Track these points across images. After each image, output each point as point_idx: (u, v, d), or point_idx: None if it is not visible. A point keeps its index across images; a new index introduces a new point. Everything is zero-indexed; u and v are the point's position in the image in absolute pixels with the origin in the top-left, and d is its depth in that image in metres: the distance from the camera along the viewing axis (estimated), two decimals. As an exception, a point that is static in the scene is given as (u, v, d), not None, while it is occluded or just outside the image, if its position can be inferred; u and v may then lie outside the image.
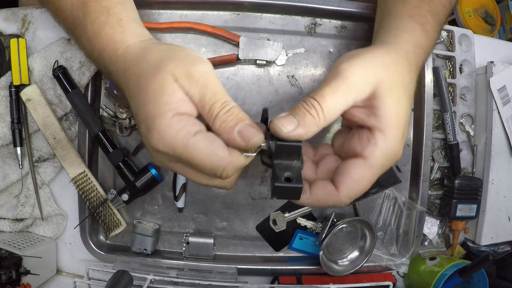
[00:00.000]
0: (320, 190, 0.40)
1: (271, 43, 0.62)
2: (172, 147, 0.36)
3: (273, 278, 0.66)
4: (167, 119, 0.36)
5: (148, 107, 0.37)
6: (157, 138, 0.36)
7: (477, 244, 0.72)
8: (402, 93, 0.40)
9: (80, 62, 0.58)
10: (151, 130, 0.37)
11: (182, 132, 0.36)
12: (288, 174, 0.37)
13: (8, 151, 0.62)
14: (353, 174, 0.39)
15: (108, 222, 0.63)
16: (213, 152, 0.36)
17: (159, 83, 0.37)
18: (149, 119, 0.37)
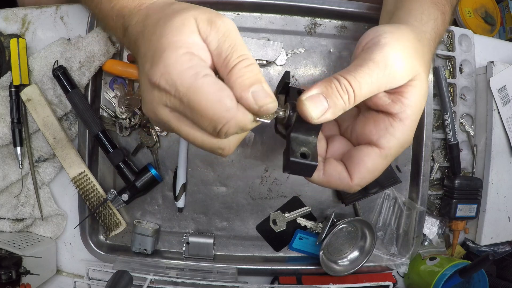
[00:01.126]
0: (333, 172, 0.39)
1: (271, 43, 0.62)
2: (176, 84, 0.33)
3: (273, 278, 0.66)
4: (177, 54, 0.33)
5: (160, 42, 0.34)
6: (161, 71, 0.33)
7: (477, 244, 0.72)
8: (426, 84, 0.40)
9: (80, 62, 0.58)
10: (156, 63, 0.33)
11: (191, 70, 0.33)
12: (304, 150, 0.36)
13: (8, 151, 0.62)
14: (368, 163, 0.38)
15: (108, 222, 0.63)
16: (220, 99, 0.32)
17: (179, 22, 0.34)
18: (157, 53, 0.34)
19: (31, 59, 0.60)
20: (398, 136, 0.38)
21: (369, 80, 0.35)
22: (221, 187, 0.65)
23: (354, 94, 0.35)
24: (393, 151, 0.38)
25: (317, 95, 0.35)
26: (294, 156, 0.35)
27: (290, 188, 0.66)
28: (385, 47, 0.37)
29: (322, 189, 0.67)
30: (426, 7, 0.45)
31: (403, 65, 0.37)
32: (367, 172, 0.38)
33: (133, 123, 0.61)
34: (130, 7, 0.42)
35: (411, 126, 0.38)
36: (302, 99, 0.35)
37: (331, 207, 0.67)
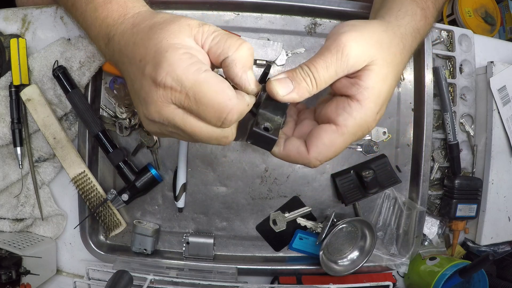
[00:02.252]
0: (292, 147, 0.42)
1: (271, 43, 0.62)
2: (182, 79, 0.35)
3: (273, 278, 0.66)
4: (179, 53, 0.36)
5: (159, 44, 0.37)
6: (166, 70, 0.36)
7: (477, 244, 0.72)
8: (390, 71, 0.42)
9: (80, 62, 0.58)
10: (160, 64, 0.36)
11: (193, 66, 0.36)
12: (268, 124, 0.40)
13: (8, 151, 0.62)
14: (324, 138, 0.40)
15: (108, 222, 0.63)
16: (223, 90, 0.36)
17: (175, 28, 0.38)
18: (159, 54, 0.36)
19: (31, 59, 0.60)
20: (355, 115, 0.40)
21: (324, 65, 0.40)
22: (221, 187, 0.65)
23: (314, 78, 0.40)
24: (350, 129, 0.40)
25: (284, 78, 0.41)
26: (257, 127, 0.39)
27: (290, 188, 0.66)
28: (340, 35, 0.40)
29: (322, 189, 0.67)
30: (404, 4, 0.48)
31: (357, 52, 0.39)
32: (323, 147, 0.40)
33: (133, 123, 0.61)
34: (114, 17, 0.44)
35: (371, 108, 0.41)
36: (271, 80, 0.40)
37: (331, 207, 0.67)
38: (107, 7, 0.44)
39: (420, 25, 0.47)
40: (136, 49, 0.40)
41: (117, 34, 0.43)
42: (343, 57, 0.39)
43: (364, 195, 0.65)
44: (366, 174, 0.63)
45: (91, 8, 0.45)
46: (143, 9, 0.44)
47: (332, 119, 0.41)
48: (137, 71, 0.39)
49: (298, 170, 0.66)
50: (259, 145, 0.41)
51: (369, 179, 0.63)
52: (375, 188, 0.65)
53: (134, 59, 0.40)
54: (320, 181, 0.66)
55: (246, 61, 0.39)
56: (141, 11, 0.44)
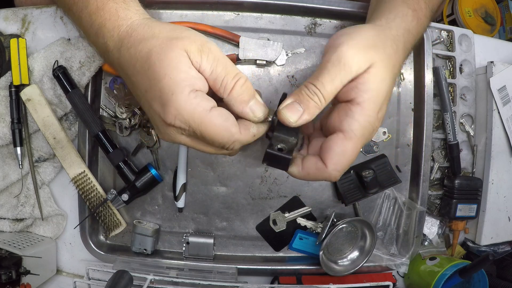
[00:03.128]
0: (310, 164, 0.43)
1: (271, 43, 0.62)
2: (189, 122, 0.39)
3: (273, 278, 0.66)
4: (184, 95, 0.38)
5: (163, 82, 0.38)
6: (174, 114, 0.38)
7: (477, 244, 0.72)
8: (388, 72, 0.43)
9: (80, 62, 0.58)
10: (168, 106, 0.38)
11: (199, 108, 0.39)
12: (282, 145, 0.42)
13: (8, 151, 0.62)
14: (336, 148, 0.41)
15: (108, 222, 0.63)
16: (227, 128, 0.40)
17: (173, 59, 0.39)
18: (164, 95, 0.38)
19: (31, 59, 0.60)
20: (358, 118, 0.41)
21: (330, 79, 0.41)
22: (221, 187, 0.65)
23: (322, 94, 0.41)
24: (357, 133, 0.41)
25: (291, 103, 0.42)
26: (271, 148, 0.41)
27: (290, 188, 0.66)
28: (339, 47, 0.41)
29: (322, 189, 0.67)
30: (395, 6, 0.49)
31: (356, 58, 0.41)
32: (337, 157, 0.41)
33: (133, 123, 0.61)
34: (108, 27, 0.44)
35: (372, 109, 0.41)
36: (280, 109, 0.42)
37: (331, 207, 0.67)
38: (100, 14, 0.44)
39: (411, 26, 0.48)
40: (139, 77, 0.41)
41: (115, 49, 0.44)
42: (346, 67, 0.41)
43: (364, 195, 0.65)
44: (366, 174, 0.63)
45: (86, 14, 0.46)
46: (135, 19, 0.44)
47: (337, 128, 0.42)
48: (145, 101, 0.42)
49: (298, 170, 0.66)
50: (274, 165, 0.43)
51: (369, 179, 0.63)
52: (375, 188, 0.65)
53: (139, 86, 0.42)
54: (320, 181, 0.66)
55: (242, 97, 0.41)
56: (133, 22, 0.43)
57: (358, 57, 0.41)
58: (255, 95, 0.42)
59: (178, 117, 0.39)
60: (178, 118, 0.39)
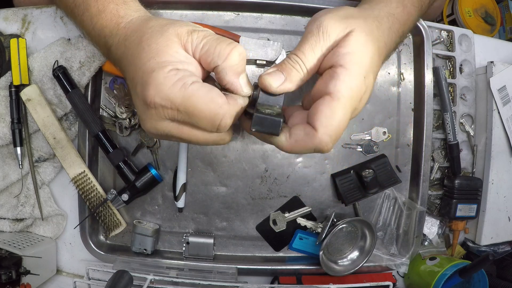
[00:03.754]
0: (299, 131, 0.40)
1: (271, 43, 0.62)
2: (170, 98, 0.36)
3: (273, 278, 0.66)
4: (164, 72, 0.37)
5: (147, 64, 0.38)
6: (154, 91, 0.37)
7: (477, 244, 0.72)
8: (369, 39, 0.42)
9: (80, 62, 0.58)
10: (148, 85, 0.37)
11: (179, 82, 0.37)
12: (269, 111, 0.40)
13: (8, 151, 0.62)
14: (324, 109, 0.39)
15: (108, 222, 0.63)
16: (212, 99, 0.37)
17: (162, 43, 0.38)
18: (146, 74, 0.37)
19: (31, 59, 0.60)
20: (343, 79, 0.39)
21: (310, 48, 0.41)
22: (221, 187, 0.65)
23: (303, 62, 0.41)
24: (344, 93, 0.39)
25: (274, 71, 0.41)
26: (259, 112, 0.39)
27: (290, 188, 0.66)
28: (318, 18, 0.43)
29: (322, 189, 0.67)
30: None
31: (335, 26, 0.41)
32: (326, 119, 0.39)
33: (133, 123, 0.61)
34: (110, 27, 0.44)
35: (357, 71, 0.40)
36: (262, 75, 0.41)
37: (331, 207, 0.67)
38: (102, 16, 0.44)
39: (396, 12, 0.48)
40: (128, 66, 0.41)
41: (114, 45, 0.44)
42: (324, 35, 0.41)
43: (364, 195, 0.65)
44: (366, 174, 0.63)
45: (87, 17, 0.46)
46: (135, 16, 0.44)
47: (324, 91, 0.40)
48: (131, 89, 0.41)
49: (298, 170, 0.66)
50: (264, 131, 0.40)
51: (369, 179, 0.63)
52: (375, 188, 0.65)
53: (128, 75, 0.41)
54: (320, 181, 0.66)
55: (237, 67, 0.39)
56: (133, 19, 0.44)
57: (337, 25, 0.42)
58: (245, 71, 0.41)
59: (158, 93, 0.36)
60: (158, 95, 0.36)
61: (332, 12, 0.44)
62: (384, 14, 0.47)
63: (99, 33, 0.45)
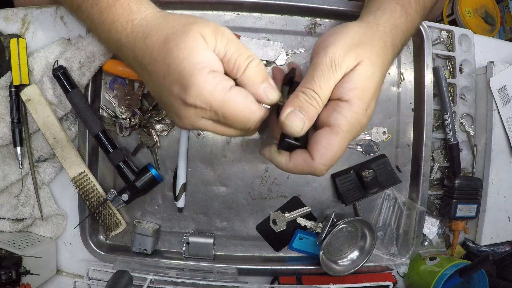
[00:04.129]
0: (298, 156, 0.44)
1: (271, 43, 0.62)
2: (210, 101, 0.39)
3: (273, 278, 0.66)
4: (204, 76, 0.39)
5: (182, 65, 0.39)
6: (195, 94, 0.39)
7: (477, 244, 0.72)
8: (374, 69, 0.43)
9: (80, 62, 0.58)
10: (189, 88, 0.39)
11: (219, 87, 0.39)
12: None
13: (8, 151, 0.62)
14: (323, 141, 0.42)
15: (108, 222, 0.63)
16: (247, 106, 0.40)
17: (190, 43, 0.39)
18: (184, 77, 0.39)
19: (31, 59, 0.60)
20: (345, 114, 0.42)
21: (324, 81, 0.41)
22: (221, 187, 0.65)
23: (319, 97, 0.42)
24: (344, 128, 0.42)
25: (292, 110, 0.41)
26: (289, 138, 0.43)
27: (290, 188, 0.66)
28: (328, 48, 0.42)
29: (322, 189, 0.67)
30: (383, 3, 0.50)
31: (345, 58, 0.42)
32: (323, 150, 0.42)
33: (133, 123, 0.61)
34: (122, 22, 0.44)
35: (359, 106, 0.42)
36: (282, 120, 0.42)
37: (331, 207, 0.67)
38: (112, 10, 0.44)
39: (400, 22, 0.49)
40: (156, 65, 0.41)
41: (129, 42, 0.44)
42: (336, 68, 0.42)
43: (364, 195, 0.65)
44: (366, 174, 0.63)
45: (96, 11, 0.46)
46: (149, 13, 0.44)
47: (325, 123, 0.43)
48: (163, 88, 0.42)
49: (298, 170, 0.66)
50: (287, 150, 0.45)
51: (369, 179, 0.63)
52: (375, 188, 0.65)
53: (156, 74, 0.42)
54: (320, 181, 0.66)
55: (256, 78, 0.41)
56: (147, 15, 0.44)
57: (347, 57, 0.42)
58: (268, 78, 0.42)
59: (199, 97, 0.39)
60: (199, 98, 0.39)
61: (341, 40, 0.43)
62: (388, 28, 0.47)
63: (109, 27, 0.45)
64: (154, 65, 0.42)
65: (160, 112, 0.61)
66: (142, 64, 0.43)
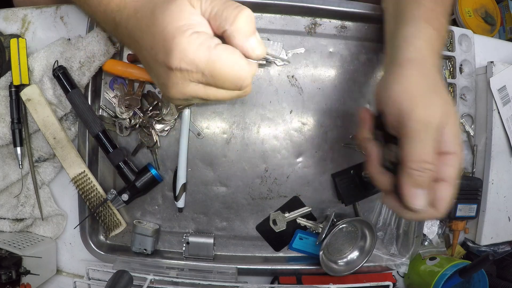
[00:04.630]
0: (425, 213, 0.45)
1: (271, 43, 0.62)
2: (195, 62, 0.37)
3: (273, 278, 0.66)
4: (186, 37, 0.37)
5: (166, 31, 0.38)
6: (179, 56, 0.37)
7: (477, 244, 0.72)
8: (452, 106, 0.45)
9: (80, 62, 0.58)
10: (172, 51, 0.37)
11: (203, 46, 0.37)
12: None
13: (8, 151, 0.62)
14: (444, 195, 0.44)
15: (108, 222, 0.63)
16: (236, 61, 0.38)
17: (174, 9, 0.38)
18: (168, 41, 0.38)
19: (31, 59, 0.60)
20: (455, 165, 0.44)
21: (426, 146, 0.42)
22: (221, 187, 0.65)
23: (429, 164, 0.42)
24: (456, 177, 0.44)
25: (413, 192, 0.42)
26: None
27: (290, 188, 0.66)
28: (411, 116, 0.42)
29: (322, 189, 0.67)
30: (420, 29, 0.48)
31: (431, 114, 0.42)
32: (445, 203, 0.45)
33: (133, 123, 0.61)
34: (116, 1, 0.44)
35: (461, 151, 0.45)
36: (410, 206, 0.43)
37: (331, 207, 0.67)
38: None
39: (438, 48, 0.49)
40: (145, 36, 0.40)
41: (123, 19, 0.43)
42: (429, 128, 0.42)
43: (364, 195, 0.65)
44: (366, 174, 0.63)
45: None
46: None
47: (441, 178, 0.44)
48: (150, 58, 0.41)
49: (298, 170, 0.66)
50: None
51: (369, 179, 0.63)
52: (375, 188, 0.64)
53: (145, 46, 0.41)
54: (320, 181, 0.66)
55: (245, 30, 0.39)
56: None
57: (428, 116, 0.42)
58: (255, 33, 0.40)
59: (183, 59, 0.37)
60: (183, 60, 0.37)
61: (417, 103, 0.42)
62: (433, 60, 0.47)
63: (105, 8, 0.45)
64: (143, 39, 0.41)
65: (160, 112, 0.61)
66: (135, 40, 0.43)
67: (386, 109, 0.45)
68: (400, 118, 0.43)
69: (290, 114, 0.65)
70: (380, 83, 0.48)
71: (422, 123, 0.41)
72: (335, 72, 0.65)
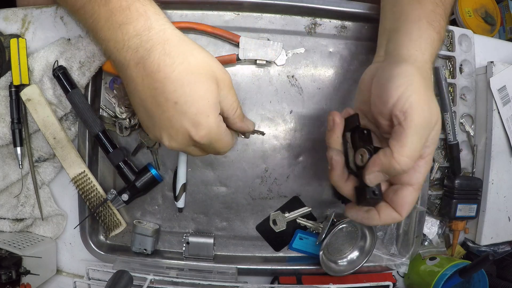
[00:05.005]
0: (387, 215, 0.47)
1: (271, 43, 0.62)
2: (212, 140, 0.45)
3: (273, 278, 0.66)
4: (216, 118, 0.45)
5: (202, 103, 0.43)
6: (205, 133, 0.44)
7: (477, 244, 0.72)
8: None
9: (80, 62, 0.58)
10: (201, 126, 0.44)
11: (221, 128, 0.46)
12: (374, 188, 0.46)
13: (8, 151, 0.62)
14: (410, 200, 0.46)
15: (108, 222, 0.63)
16: (229, 141, 0.49)
17: (209, 86, 0.44)
18: (201, 115, 0.43)
19: (31, 59, 0.60)
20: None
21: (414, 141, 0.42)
22: (221, 187, 0.65)
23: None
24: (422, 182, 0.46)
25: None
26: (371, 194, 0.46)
27: (290, 188, 0.66)
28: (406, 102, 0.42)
29: (322, 189, 0.67)
30: (422, 29, 0.49)
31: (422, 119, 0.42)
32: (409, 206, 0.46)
33: (133, 123, 0.61)
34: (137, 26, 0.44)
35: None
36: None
37: (331, 207, 0.67)
38: (126, 13, 0.44)
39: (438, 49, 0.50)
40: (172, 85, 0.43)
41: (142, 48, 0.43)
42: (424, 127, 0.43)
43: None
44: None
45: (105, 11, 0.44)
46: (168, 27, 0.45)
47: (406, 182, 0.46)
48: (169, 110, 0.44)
49: (298, 170, 0.66)
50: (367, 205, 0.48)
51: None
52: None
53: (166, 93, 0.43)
54: (320, 181, 0.66)
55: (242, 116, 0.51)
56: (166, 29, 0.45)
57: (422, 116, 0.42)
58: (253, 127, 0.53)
59: (207, 136, 0.44)
60: (207, 137, 0.44)
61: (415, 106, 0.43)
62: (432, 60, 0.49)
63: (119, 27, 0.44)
64: (168, 84, 0.43)
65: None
66: (149, 74, 0.43)
67: (381, 103, 0.45)
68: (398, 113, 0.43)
69: (290, 114, 0.65)
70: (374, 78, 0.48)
71: (424, 122, 0.42)
72: (335, 72, 0.65)
